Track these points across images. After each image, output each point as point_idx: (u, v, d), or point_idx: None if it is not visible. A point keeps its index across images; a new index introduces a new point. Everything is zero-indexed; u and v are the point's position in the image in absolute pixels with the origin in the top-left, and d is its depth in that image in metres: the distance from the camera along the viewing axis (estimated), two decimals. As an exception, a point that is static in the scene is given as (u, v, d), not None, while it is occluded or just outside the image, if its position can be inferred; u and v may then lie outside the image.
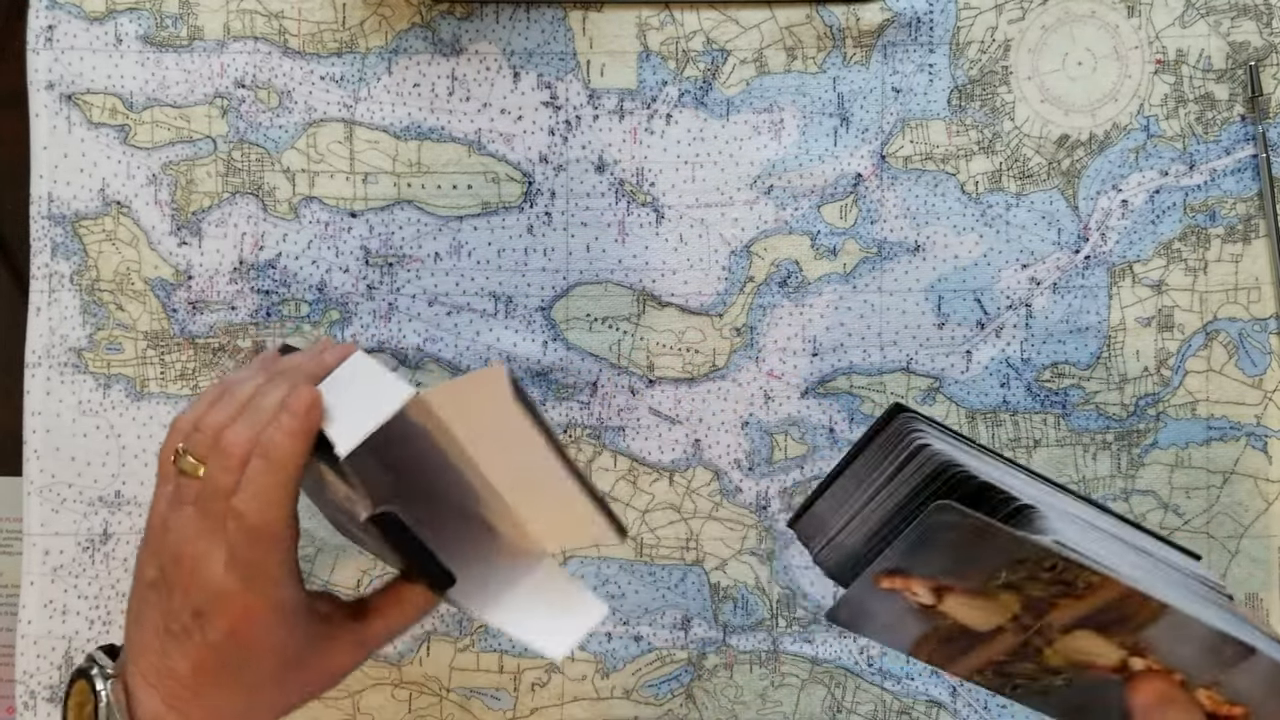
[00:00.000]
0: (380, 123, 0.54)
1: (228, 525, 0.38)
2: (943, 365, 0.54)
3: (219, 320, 0.54)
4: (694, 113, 0.54)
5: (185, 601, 0.39)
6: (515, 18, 0.54)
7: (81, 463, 0.53)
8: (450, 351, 0.54)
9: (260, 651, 0.39)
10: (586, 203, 0.54)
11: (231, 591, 0.38)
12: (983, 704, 0.53)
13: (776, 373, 0.54)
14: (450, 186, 0.54)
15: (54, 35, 0.54)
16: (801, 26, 0.54)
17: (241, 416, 0.39)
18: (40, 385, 0.53)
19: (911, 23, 0.54)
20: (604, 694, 0.53)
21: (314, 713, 0.53)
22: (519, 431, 0.37)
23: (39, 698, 0.53)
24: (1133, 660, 0.40)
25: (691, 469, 0.54)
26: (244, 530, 0.38)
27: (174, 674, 0.39)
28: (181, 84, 0.54)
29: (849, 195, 0.54)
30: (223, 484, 0.38)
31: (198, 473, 0.39)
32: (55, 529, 0.53)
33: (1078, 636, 0.39)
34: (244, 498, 0.38)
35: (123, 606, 0.53)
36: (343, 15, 0.54)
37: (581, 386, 0.54)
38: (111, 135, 0.54)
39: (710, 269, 0.54)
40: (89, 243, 0.54)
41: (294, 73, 0.54)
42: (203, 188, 0.54)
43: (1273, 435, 0.54)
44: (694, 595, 0.53)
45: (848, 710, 0.53)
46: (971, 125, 0.54)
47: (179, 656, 0.39)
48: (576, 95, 0.54)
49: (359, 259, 0.54)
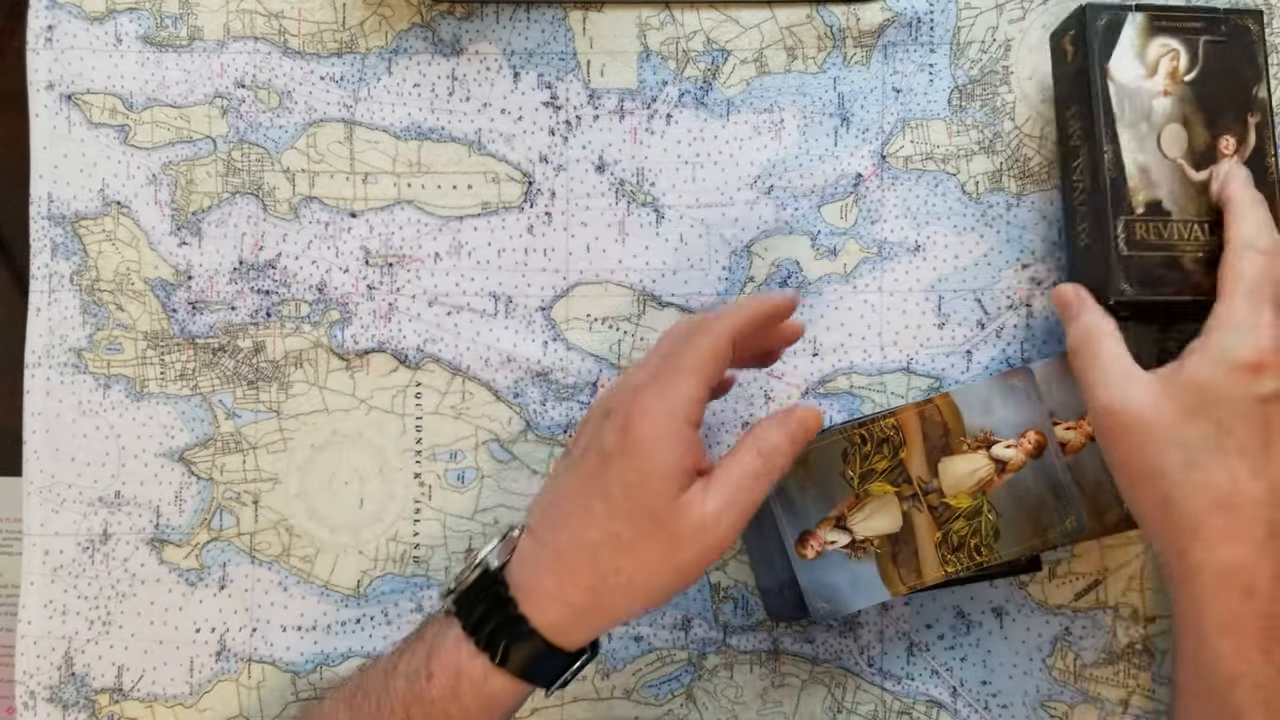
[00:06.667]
0: (380, 123, 0.54)
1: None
2: (943, 365, 0.54)
3: (219, 320, 0.54)
4: (694, 113, 0.54)
5: (595, 426, 0.43)
6: (515, 18, 0.54)
7: (81, 463, 0.53)
8: (450, 351, 0.54)
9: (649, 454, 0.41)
10: (586, 203, 0.54)
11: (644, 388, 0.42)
12: (983, 704, 0.53)
13: (777, 373, 0.54)
14: (450, 186, 0.54)
15: (54, 35, 0.54)
16: (802, 26, 0.54)
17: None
18: (40, 385, 0.53)
19: (912, 23, 0.54)
20: (604, 694, 0.53)
21: (314, 713, 0.53)
22: None
23: (39, 698, 0.53)
24: (995, 451, 0.49)
25: (692, 469, 0.54)
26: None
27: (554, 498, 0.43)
28: (181, 84, 0.54)
29: (849, 195, 0.54)
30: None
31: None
32: (55, 529, 0.53)
33: (945, 470, 0.49)
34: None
35: (123, 607, 0.53)
36: (343, 15, 0.54)
37: (581, 386, 0.54)
38: (111, 135, 0.54)
39: (710, 269, 0.54)
40: (89, 243, 0.54)
41: (294, 73, 0.54)
42: (203, 188, 0.54)
43: (1273, 435, 0.54)
44: (694, 595, 0.53)
45: (848, 710, 0.53)
46: (972, 125, 0.54)
47: (568, 477, 0.43)
48: (577, 95, 0.54)
49: (359, 259, 0.54)
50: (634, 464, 0.41)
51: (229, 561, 0.53)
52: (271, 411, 0.54)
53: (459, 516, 0.54)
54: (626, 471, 0.41)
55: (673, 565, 0.41)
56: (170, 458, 0.54)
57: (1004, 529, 0.48)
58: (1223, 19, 0.49)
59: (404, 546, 0.54)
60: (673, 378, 0.42)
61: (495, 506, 0.54)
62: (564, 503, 0.42)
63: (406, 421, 0.54)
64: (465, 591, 0.43)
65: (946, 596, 0.53)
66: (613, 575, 0.41)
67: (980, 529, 0.49)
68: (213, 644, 0.53)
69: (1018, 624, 0.53)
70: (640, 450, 0.41)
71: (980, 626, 0.53)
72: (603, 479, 0.41)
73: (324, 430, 0.54)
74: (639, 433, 0.41)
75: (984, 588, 0.53)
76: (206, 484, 0.53)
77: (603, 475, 0.41)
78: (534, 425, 0.54)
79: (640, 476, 0.41)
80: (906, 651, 0.53)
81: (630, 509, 0.41)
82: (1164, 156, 0.48)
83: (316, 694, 0.53)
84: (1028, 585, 0.53)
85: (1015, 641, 0.53)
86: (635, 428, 0.41)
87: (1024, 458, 0.49)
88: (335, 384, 0.54)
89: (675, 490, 0.41)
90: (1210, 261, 0.47)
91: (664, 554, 0.41)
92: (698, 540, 0.41)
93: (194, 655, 0.53)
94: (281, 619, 0.53)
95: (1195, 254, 0.48)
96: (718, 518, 0.41)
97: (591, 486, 0.42)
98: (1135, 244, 0.48)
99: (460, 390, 0.54)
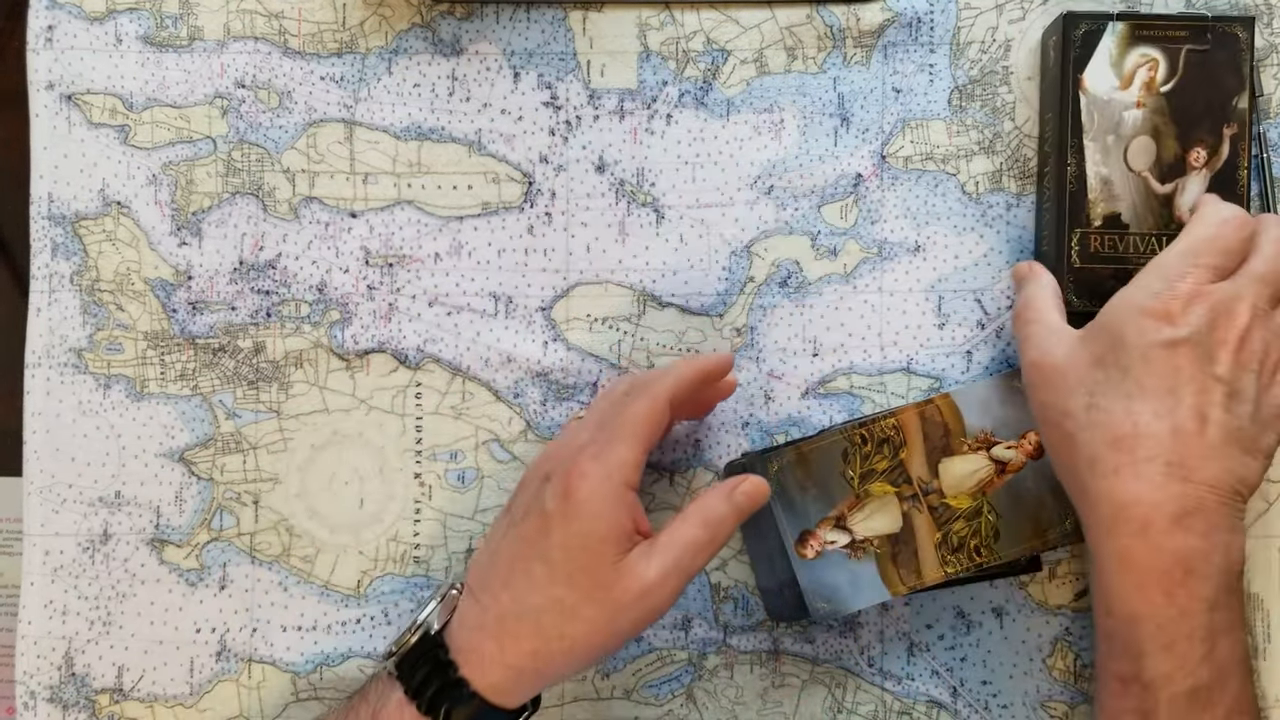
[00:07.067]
0: (380, 123, 0.54)
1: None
2: (943, 365, 0.54)
3: (219, 320, 0.54)
4: (694, 113, 0.54)
5: (537, 487, 0.44)
6: (515, 18, 0.54)
7: (81, 463, 0.53)
8: (450, 352, 0.54)
9: (589, 517, 0.42)
10: (587, 203, 0.54)
11: (578, 449, 0.43)
12: (983, 704, 0.53)
13: (777, 373, 0.54)
14: (450, 186, 0.54)
15: (54, 35, 0.54)
16: (802, 26, 0.54)
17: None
18: (40, 385, 0.53)
19: (912, 23, 0.54)
20: (604, 694, 0.53)
21: (314, 712, 0.53)
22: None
23: (39, 698, 0.53)
24: (995, 452, 0.49)
25: (692, 469, 0.54)
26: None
27: (493, 560, 0.44)
28: (181, 84, 0.54)
29: (849, 195, 0.54)
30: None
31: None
32: (55, 529, 0.53)
33: (945, 470, 0.49)
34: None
35: (123, 607, 0.53)
36: (343, 15, 0.54)
37: (581, 387, 0.54)
38: (111, 135, 0.54)
39: (710, 269, 0.54)
40: (89, 243, 0.54)
41: (294, 73, 0.54)
42: (203, 188, 0.54)
43: (1273, 435, 0.54)
44: (694, 595, 0.53)
45: (848, 710, 0.53)
46: (972, 125, 0.54)
47: (507, 543, 0.44)
48: (577, 95, 0.54)
49: (359, 259, 0.54)
50: (574, 527, 0.42)
51: (229, 562, 0.53)
52: (272, 412, 0.54)
53: (459, 516, 0.54)
54: (567, 535, 0.42)
55: (613, 629, 0.42)
56: (170, 458, 0.54)
57: (1004, 530, 0.48)
58: (1210, 26, 0.49)
59: (404, 547, 0.54)
60: (611, 442, 0.43)
61: (495, 506, 0.54)
62: (504, 565, 0.43)
63: (406, 422, 0.54)
64: (407, 654, 0.44)
65: (947, 597, 0.53)
66: (555, 640, 0.42)
67: (980, 530, 0.49)
68: (213, 644, 0.53)
69: (1018, 624, 0.53)
70: (580, 513, 0.42)
71: (980, 627, 0.53)
72: (543, 542, 0.42)
73: (324, 430, 0.54)
74: (578, 496, 0.42)
75: (984, 588, 0.53)
76: (207, 484, 0.53)
77: (543, 539, 0.42)
78: (534, 425, 0.54)
79: (581, 540, 0.42)
80: (907, 652, 0.53)
81: (572, 572, 0.42)
82: (1129, 169, 0.49)
83: (316, 694, 0.53)
84: (1028, 585, 0.53)
85: (1015, 641, 0.53)
86: (575, 491, 0.42)
87: (1024, 459, 0.49)
88: (335, 384, 0.54)
89: (616, 553, 0.42)
90: None
91: (607, 618, 0.42)
92: (639, 605, 0.42)
93: (194, 655, 0.53)
94: (282, 619, 0.53)
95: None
96: (661, 583, 0.42)
97: (532, 550, 0.42)
98: (1089, 256, 0.49)
99: (460, 390, 0.54)
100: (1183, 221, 0.49)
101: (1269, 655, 0.53)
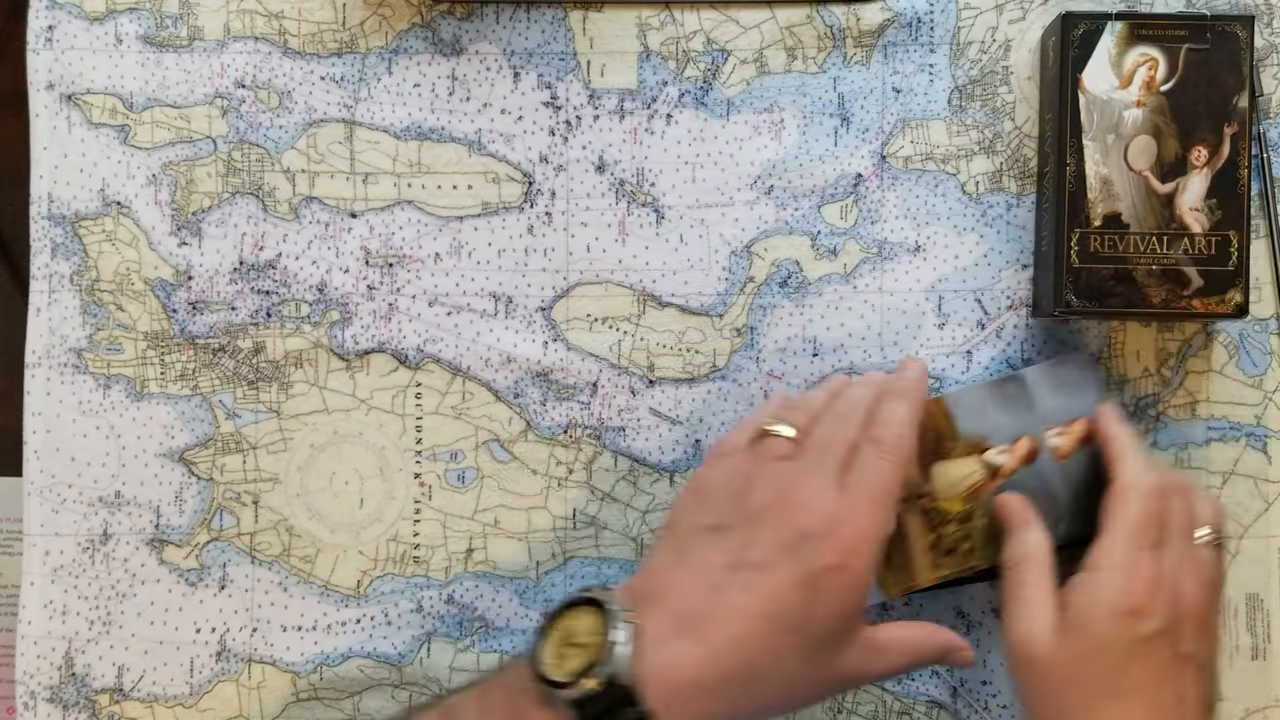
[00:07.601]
0: (380, 123, 0.54)
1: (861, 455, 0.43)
2: (943, 366, 0.54)
3: (219, 320, 0.54)
4: (694, 113, 0.54)
5: (779, 531, 0.41)
6: (515, 18, 0.54)
7: (81, 463, 0.53)
8: (450, 352, 0.54)
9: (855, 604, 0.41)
10: (587, 203, 0.54)
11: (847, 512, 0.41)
12: (983, 704, 0.53)
13: (777, 373, 0.54)
14: (450, 186, 0.54)
15: (54, 35, 0.54)
16: (802, 26, 0.54)
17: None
18: (40, 385, 0.53)
19: (912, 23, 0.54)
20: (604, 694, 0.53)
21: (314, 713, 0.53)
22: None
23: (39, 698, 0.53)
24: (988, 456, 0.49)
25: (692, 469, 0.54)
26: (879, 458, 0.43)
27: (720, 614, 0.40)
28: (181, 84, 0.54)
29: (849, 195, 0.54)
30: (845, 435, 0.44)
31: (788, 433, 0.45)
32: (55, 529, 0.53)
33: (937, 474, 0.49)
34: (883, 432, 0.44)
35: (123, 607, 0.53)
36: (343, 15, 0.54)
37: (582, 386, 0.54)
38: (111, 135, 0.54)
39: (710, 269, 0.54)
40: (89, 243, 0.54)
41: (294, 73, 0.54)
42: (203, 188, 0.54)
43: (1272, 435, 0.54)
44: (694, 595, 0.53)
45: (848, 710, 0.53)
46: (972, 125, 0.54)
47: (740, 591, 0.40)
48: (577, 95, 0.54)
49: (359, 259, 0.54)
50: (838, 602, 0.41)
51: (229, 562, 0.53)
52: (272, 412, 0.54)
53: (459, 516, 0.54)
54: (830, 611, 0.41)
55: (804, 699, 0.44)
56: (170, 458, 0.54)
57: (996, 533, 0.48)
58: (1209, 25, 0.49)
59: (404, 547, 0.54)
60: (879, 517, 0.42)
61: (495, 507, 0.54)
62: (749, 640, 0.40)
63: (407, 421, 0.54)
64: (593, 697, 0.39)
65: (947, 597, 0.53)
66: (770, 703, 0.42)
67: (972, 533, 0.48)
68: (213, 644, 0.53)
69: (1018, 624, 0.53)
70: (851, 599, 0.41)
71: (980, 626, 0.53)
72: (801, 613, 0.40)
73: (324, 430, 0.54)
74: (852, 572, 0.41)
75: (984, 588, 0.53)
76: (207, 484, 0.54)
77: (804, 609, 0.40)
78: (534, 425, 0.54)
79: (845, 621, 0.41)
80: (906, 651, 0.53)
81: (822, 642, 0.41)
82: (1129, 169, 0.49)
83: (316, 694, 0.53)
84: (1028, 585, 0.53)
85: (1015, 641, 0.53)
86: (850, 566, 0.41)
87: (1016, 464, 0.49)
88: (335, 384, 0.54)
89: (860, 625, 0.43)
90: (1165, 274, 0.48)
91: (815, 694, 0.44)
92: (839, 687, 0.44)
93: (194, 655, 0.53)
94: (282, 619, 0.53)
95: (1149, 266, 0.49)
96: (866, 678, 0.44)
97: (784, 620, 0.40)
98: (1088, 257, 0.49)
99: (460, 390, 0.54)
100: (1183, 221, 0.49)
101: (1269, 655, 0.53)
